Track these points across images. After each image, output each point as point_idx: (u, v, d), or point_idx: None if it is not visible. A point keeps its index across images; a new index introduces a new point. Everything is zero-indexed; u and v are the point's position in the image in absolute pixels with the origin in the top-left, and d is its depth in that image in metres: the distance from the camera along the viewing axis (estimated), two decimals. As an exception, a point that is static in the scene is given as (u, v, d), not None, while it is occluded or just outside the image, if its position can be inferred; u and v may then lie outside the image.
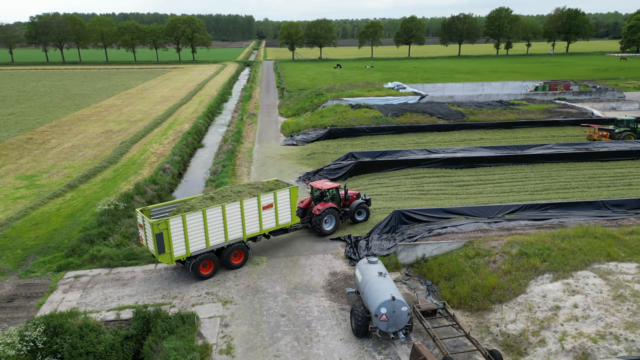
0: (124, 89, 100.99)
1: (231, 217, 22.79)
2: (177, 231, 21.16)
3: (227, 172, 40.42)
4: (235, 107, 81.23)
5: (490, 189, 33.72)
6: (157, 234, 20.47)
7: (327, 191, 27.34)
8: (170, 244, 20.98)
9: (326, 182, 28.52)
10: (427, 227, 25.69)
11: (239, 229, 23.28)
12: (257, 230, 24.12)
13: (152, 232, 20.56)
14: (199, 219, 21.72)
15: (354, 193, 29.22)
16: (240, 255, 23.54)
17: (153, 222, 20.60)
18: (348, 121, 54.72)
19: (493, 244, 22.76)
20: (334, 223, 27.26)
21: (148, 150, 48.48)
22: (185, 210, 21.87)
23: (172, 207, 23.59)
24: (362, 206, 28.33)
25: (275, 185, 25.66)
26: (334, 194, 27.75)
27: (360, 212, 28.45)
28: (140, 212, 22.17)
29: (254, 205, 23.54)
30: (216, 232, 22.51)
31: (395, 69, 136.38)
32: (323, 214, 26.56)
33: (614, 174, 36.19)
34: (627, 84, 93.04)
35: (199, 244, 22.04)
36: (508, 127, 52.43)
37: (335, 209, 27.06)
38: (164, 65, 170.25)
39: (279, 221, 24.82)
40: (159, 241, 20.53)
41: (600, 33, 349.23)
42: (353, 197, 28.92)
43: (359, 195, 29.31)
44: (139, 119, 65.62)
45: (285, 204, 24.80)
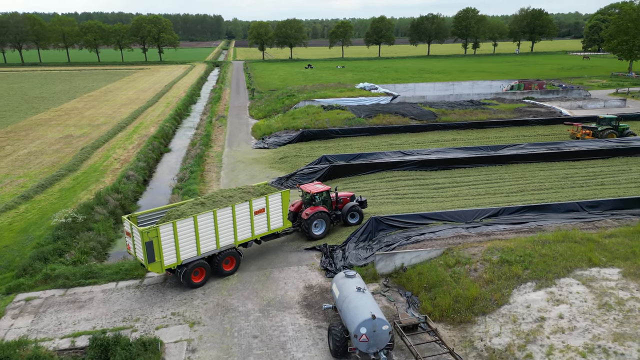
0: (86, 91, 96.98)
1: (223, 223, 22.14)
2: (168, 239, 20.40)
3: (195, 178, 38.63)
4: (204, 109, 78.94)
5: (466, 191, 33.21)
6: (147, 242, 19.66)
7: (316, 195, 26.36)
8: (161, 252, 20.20)
9: (317, 184, 27.55)
10: (404, 234, 24.80)
11: (231, 235, 22.67)
12: (249, 236, 23.46)
13: (141, 241, 19.69)
14: (190, 226, 21.00)
15: (347, 195, 28.34)
16: (231, 262, 22.87)
17: (143, 229, 19.69)
18: (320, 123, 53.64)
19: (473, 250, 22.03)
20: (324, 227, 26.40)
21: (111, 156, 46.07)
22: (175, 217, 20.98)
23: (160, 213, 22.83)
24: (354, 209, 27.51)
25: (266, 189, 24.85)
26: (324, 197, 26.80)
27: (354, 215, 27.62)
28: (127, 220, 21.29)
29: (245, 211, 22.91)
30: (207, 239, 21.82)
31: (366, 69, 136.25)
32: (312, 218, 25.72)
33: (586, 173, 36.32)
34: (591, 83, 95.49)
35: (190, 252, 21.33)
36: (480, 127, 52.43)
37: (325, 213, 26.20)
38: (130, 66, 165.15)
39: (270, 226, 24.18)
40: (148, 250, 19.73)
41: (562, 33, 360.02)
42: (346, 200, 28.08)
43: (352, 197, 28.45)
44: (102, 122, 62.71)
45: (277, 208, 24.19)
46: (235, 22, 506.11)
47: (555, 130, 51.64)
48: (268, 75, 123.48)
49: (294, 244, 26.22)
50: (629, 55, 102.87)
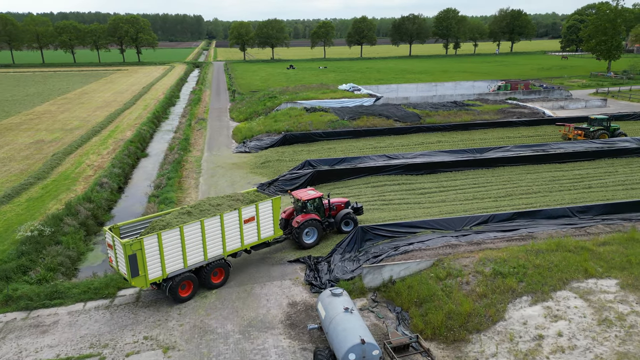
0: (60, 93, 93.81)
1: (211, 233, 21.09)
2: (152, 251, 19.29)
3: (172, 185, 36.96)
4: (183, 111, 76.88)
5: (453, 196, 32.34)
6: (130, 255, 18.56)
7: (308, 201, 25.28)
8: (145, 266, 19.09)
9: (309, 190, 26.37)
10: (392, 243, 23.72)
11: (219, 246, 21.60)
12: (239, 246, 22.43)
13: (124, 254, 18.57)
14: (176, 237, 19.89)
15: (341, 201, 27.21)
16: (220, 274, 21.81)
17: (125, 242, 18.52)
18: (303, 125, 52.37)
19: (464, 261, 21.04)
20: (316, 235, 25.39)
21: (84, 163, 43.99)
22: (160, 228, 19.84)
23: (144, 223, 21.61)
24: (348, 216, 26.42)
25: (255, 196, 23.80)
26: (317, 204, 25.75)
27: (348, 222, 26.53)
28: (109, 231, 20.06)
29: (234, 220, 21.85)
30: (195, 250, 20.75)
31: (348, 70, 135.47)
32: (303, 226, 24.69)
33: (572, 176, 35.84)
34: (571, 83, 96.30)
35: (177, 264, 20.20)
36: (464, 128, 51.86)
37: (317, 221, 25.15)
38: (107, 67, 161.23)
39: (261, 235, 23.21)
40: (132, 263, 18.64)
41: (540, 33, 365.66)
42: (340, 206, 26.99)
43: (347, 203, 27.32)
44: (75, 126, 60.31)
45: (267, 216, 23.20)
46: (215, 22, 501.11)
47: (539, 131, 51.37)
48: (249, 76, 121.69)
49: (277, 255, 24.91)
50: (607, 55, 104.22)
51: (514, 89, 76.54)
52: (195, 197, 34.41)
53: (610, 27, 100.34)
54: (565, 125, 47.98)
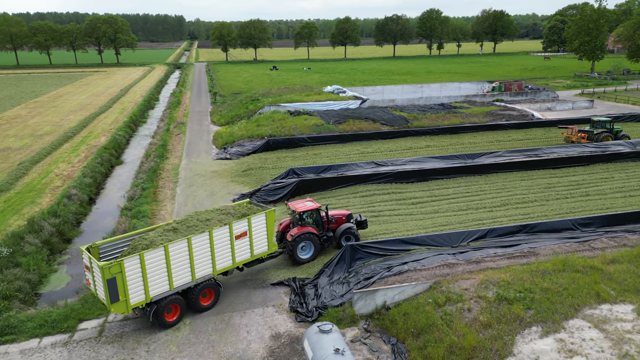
0: (33, 96, 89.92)
1: (199, 251, 19.39)
2: (134, 274, 17.57)
3: (146, 196, 34.49)
4: (162, 114, 73.94)
5: (446, 206, 30.59)
6: (109, 279, 16.87)
7: (304, 213, 23.41)
8: (126, 290, 17.37)
9: (307, 202, 24.46)
10: (385, 263, 21.77)
11: (209, 265, 19.88)
12: (230, 264, 20.74)
13: (102, 278, 16.85)
14: (160, 257, 18.19)
15: (341, 214, 25.19)
16: (210, 295, 20.15)
17: (103, 265, 16.75)
18: (287, 130, 50.24)
19: (464, 284, 19.20)
20: (313, 251, 23.56)
21: (52, 172, 41.17)
22: (143, 247, 18.14)
23: (126, 241, 19.84)
24: (349, 231, 24.40)
25: (248, 209, 22.06)
26: (315, 216, 23.86)
27: (348, 238, 24.48)
28: (86, 252, 18.22)
29: (225, 235, 20.14)
30: (181, 271, 19.02)
31: (332, 71, 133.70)
32: (297, 240, 22.89)
33: (568, 182, 34.44)
34: (556, 83, 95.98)
35: (161, 286, 18.48)
36: (453, 132, 50.36)
37: (313, 235, 23.28)
38: (84, 68, 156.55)
39: (254, 251, 21.51)
40: (111, 288, 16.97)
41: (521, 34, 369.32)
42: (341, 220, 25.02)
43: (349, 217, 25.26)
44: (46, 132, 57.16)
45: (261, 230, 21.53)
46: (198, 23, 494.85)
47: (529, 134, 50.14)
48: (232, 78, 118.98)
49: (259, 277, 22.77)
50: (591, 55, 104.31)
51: (508, 90, 75.63)
52: (170, 210, 32.05)
53: (594, 27, 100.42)
54: (568, 128, 46.77)
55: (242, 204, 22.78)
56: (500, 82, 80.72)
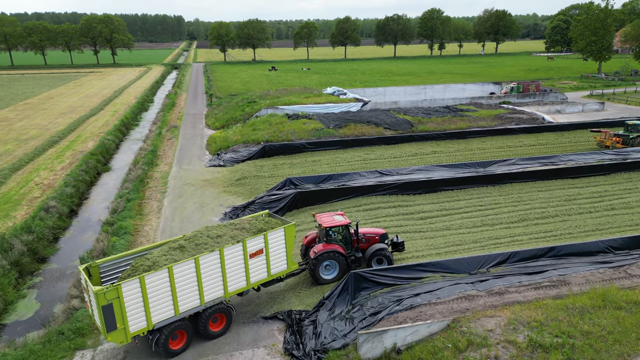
0: (24, 98, 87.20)
1: (208, 272, 17.34)
2: (134, 299, 15.65)
3: (131, 208, 31.69)
4: (155, 117, 71.18)
5: (459, 221, 27.79)
6: (105, 305, 14.99)
7: (330, 229, 20.88)
8: (124, 317, 15.48)
9: (337, 215, 21.91)
10: (394, 293, 18.96)
11: (219, 286, 17.80)
12: (244, 285, 18.62)
13: (96, 304, 15.02)
14: (164, 280, 16.24)
15: (375, 233, 22.42)
16: (221, 320, 18.10)
17: (98, 290, 14.88)
18: (285, 134, 47.46)
19: (488, 323, 16.41)
20: (337, 271, 21.12)
21: (32, 181, 38.39)
22: (144, 269, 16.18)
23: (129, 259, 18.05)
24: (382, 253, 21.56)
25: (265, 223, 19.77)
26: (343, 233, 21.35)
27: (380, 260, 21.69)
28: (83, 272, 16.36)
29: (238, 254, 18.05)
30: (188, 294, 16.98)
31: (332, 72, 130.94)
32: (320, 258, 20.73)
33: (589, 194, 31.65)
34: (562, 85, 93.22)
35: (165, 312, 16.55)
36: (461, 136, 47.55)
37: (339, 254, 20.78)
38: (79, 69, 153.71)
39: (271, 270, 19.33)
40: (107, 315, 15.10)
41: (522, 34, 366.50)
42: (373, 239, 22.26)
43: (383, 236, 22.42)
44: (32, 136, 54.36)
45: (279, 247, 19.36)
46: (197, 23, 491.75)
47: (541, 139, 47.33)
48: (229, 79, 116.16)
49: (249, 309, 19.96)
50: (597, 56, 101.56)
51: (526, 91, 72.88)
52: (155, 225, 29.25)
53: (601, 27, 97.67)
54: (602, 132, 44.12)
55: (258, 217, 20.53)
56: (518, 82, 77.76)
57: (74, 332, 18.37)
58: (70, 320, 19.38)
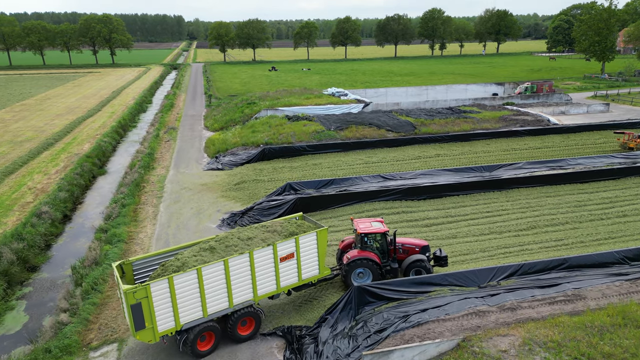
0: (21, 98, 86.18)
1: (237, 274, 17.25)
2: (162, 299, 15.75)
3: (126, 214, 30.66)
4: (154, 118, 70.15)
5: (465, 229, 26.77)
6: (133, 304, 15.19)
7: (366, 236, 20.08)
8: (153, 317, 15.65)
9: (375, 222, 20.99)
10: (400, 309, 17.93)
11: (249, 290, 17.67)
12: (274, 289, 18.41)
13: (126, 303, 15.22)
14: (193, 281, 16.26)
15: (415, 244, 21.29)
16: (250, 324, 17.88)
17: (127, 289, 15.08)
18: (285, 137, 46.44)
19: (501, 343, 15.38)
20: (370, 280, 20.11)
21: (25, 185, 37.38)
22: (173, 270, 16.26)
23: (162, 258, 18.21)
24: (420, 265, 20.49)
25: (297, 226, 19.37)
26: (380, 240, 20.45)
27: (419, 272, 20.52)
28: (116, 269, 16.79)
29: (268, 258, 17.86)
30: (217, 296, 16.95)
31: (332, 72, 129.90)
32: (353, 265, 19.99)
33: (600, 199, 30.62)
34: (565, 85, 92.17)
35: (194, 313, 16.58)
36: (464, 139, 46.55)
37: (373, 262, 19.90)
38: (78, 69, 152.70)
39: (302, 275, 19.01)
40: (135, 314, 15.31)
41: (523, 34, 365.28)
42: (413, 250, 21.13)
43: (424, 248, 21.20)
44: (27, 138, 53.36)
45: (310, 252, 19.00)
46: (197, 23, 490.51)
47: (547, 141, 46.30)
48: (229, 79, 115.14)
49: (247, 324, 18.92)
50: (601, 56, 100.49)
51: (539, 91, 71.88)
52: (150, 232, 28.23)
53: (604, 27, 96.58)
54: (625, 134, 43.25)
55: (291, 219, 20.01)
56: (532, 82, 76.66)
57: (61, 350, 17.39)
58: (58, 337, 18.37)
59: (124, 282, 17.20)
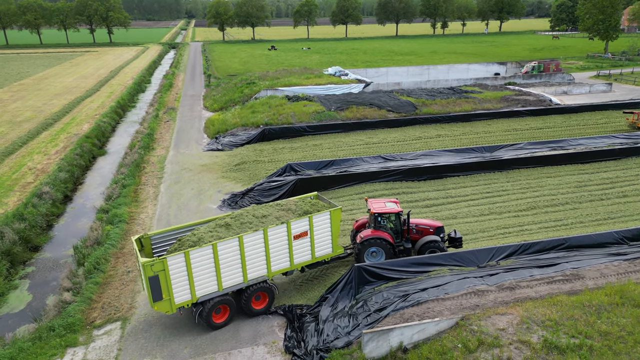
0: (18, 78, 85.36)
1: (251, 251, 17.76)
2: (179, 272, 16.43)
3: (126, 195, 30.72)
4: (153, 98, 69.60)
5: (465, 209, 26.86)
6: (151, 277, 15.91)
7: (380, 216, 20.21)
8: (170, 289, 16.35)
9: (389, 202, 21.04)
10: (399, 288, 18.11)
11: (263, 266, 18.20)
12: (287, 266, 18.96)
13: (144, 275, 16.00)
14: (208, 256, 16.86)
15: (429, 225, 21.28)
16: (264, 298, 18.43)
17: (145, 262, 15.81)
18: (285, 117, 46.15)
19: (499, 322, 15.58)
20: (384, 259, 20.21)
21: (25, 165, 37.35)
22: (190, 245, 16.93)
23: (180, 233, 18.76)
24: (433, 245, 20.58)
25: (311, 205, 19.77)
26: (393, 221, 20.59)
27: (434, 252, 20.62)
28: (135, 243, 17.59)
29: (282, 235, 18.35)
30: (232, 271, 17.53)
31: (333, 51, 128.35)
32: (366, 244, 20.09)
33: (600, 180, 30.63)
34: (568, 65, 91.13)
35: (209, 287, 17.22)
36: (466, 119, 46.25)
37: (386, 242, 20.03)
38: (75, 48, 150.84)
39: (315, 253, 19.46)
40: (153, 286, 16.02)
41: (526, 12, 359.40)
42: (427, 231, 21.15)
43: (439, 229, 21.18)
44: (26, 118, 53.06)
45: (324, 231, 19.38)
46: (195, 1, 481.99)
47: (549, 122, 46.02)
48: (228, 58, 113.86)
49: (249, 303, 19.14)
50: (605, 35, 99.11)
51: (546, 70, 71.04)
52: (152, 213, 28.33)
53: (609, 5, 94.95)
54: (635, 113, 43.05)
55: (306, 198, 20.72)
56: (539, 61, 75.71)
57: (65, 328, 17.63)
58: (62, 315, 18.61)
59: (143, 255, 17.78)
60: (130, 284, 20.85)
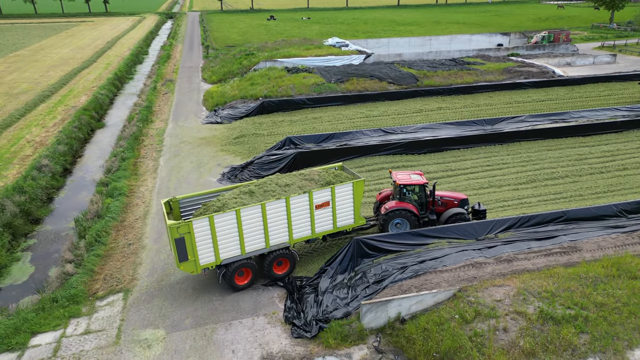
0: (14, 49, 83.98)
1: (274, 218, 18.16)
2: (204, 235, 17.12)
3: (126, 168, 30.67)
4: (150, 70, 68.64)
5: (465, 182, 26.86)
6: (177, 238, 16.70)
7: (405, 187, 20.32)
8: (195, 251, 17.13)
9: (414, 174, 21.12)
10: (398, 260, 18.29)
11: (284, 233, 18.63)
12: (308, 234, 19.25)
13: (170, 236, 16.74)
14: (232, 221, 17.40)
15: (454, 197, 21.37)
16: (285, 264, 18.98)
17: (172, 224, 16.54)
18: (284, 89, 45.60)
19: (496, 293, 15.79)
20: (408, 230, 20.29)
21: (24, 138, 37.15)
22: (214, 210, 17.53)
23: (207, 198, 19.36)
24: (459, 217, 20.68)
25: (334, 176, 19.90)
26: (418, 192, 20.65)
27: None
28: (164, 205, 18.36)
29: (304, 204, 18.58)
30: (254, 236, 18.07)
31: (333, 21, 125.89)
32: (390, 215, 20.20)
33: (600, 153, 30.51)
34: (573, 35, 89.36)
35: (232, 250, 17.89)
36: (467, 92, 45.76)
37: (411, 213, 20.16)
38: (71, 18, 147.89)
39: (337, 223, 19.65)
40: (179, 247, 16.85)
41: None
42: (451, 203, 21.26)
43: (463, 202, 21.23)
44: (22, 90, 52.48)
45: (346, 202, 19.48)
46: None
47: (551, 94, 45.52)
48: (226, 29, 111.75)
49: (249, 275, 19.37)
50: (610, 5, 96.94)
51: (556, 40, 69.84)
52: (151, 186, 28.34)
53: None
54: None
55: (329, 169, 20.73)
56: (549, 31, 74.18)
57: (68, 299, 17.87)
58: (65, 287, 18.85)
59: (171, 218, 18.37)
60: (131, 256, 21.05)
